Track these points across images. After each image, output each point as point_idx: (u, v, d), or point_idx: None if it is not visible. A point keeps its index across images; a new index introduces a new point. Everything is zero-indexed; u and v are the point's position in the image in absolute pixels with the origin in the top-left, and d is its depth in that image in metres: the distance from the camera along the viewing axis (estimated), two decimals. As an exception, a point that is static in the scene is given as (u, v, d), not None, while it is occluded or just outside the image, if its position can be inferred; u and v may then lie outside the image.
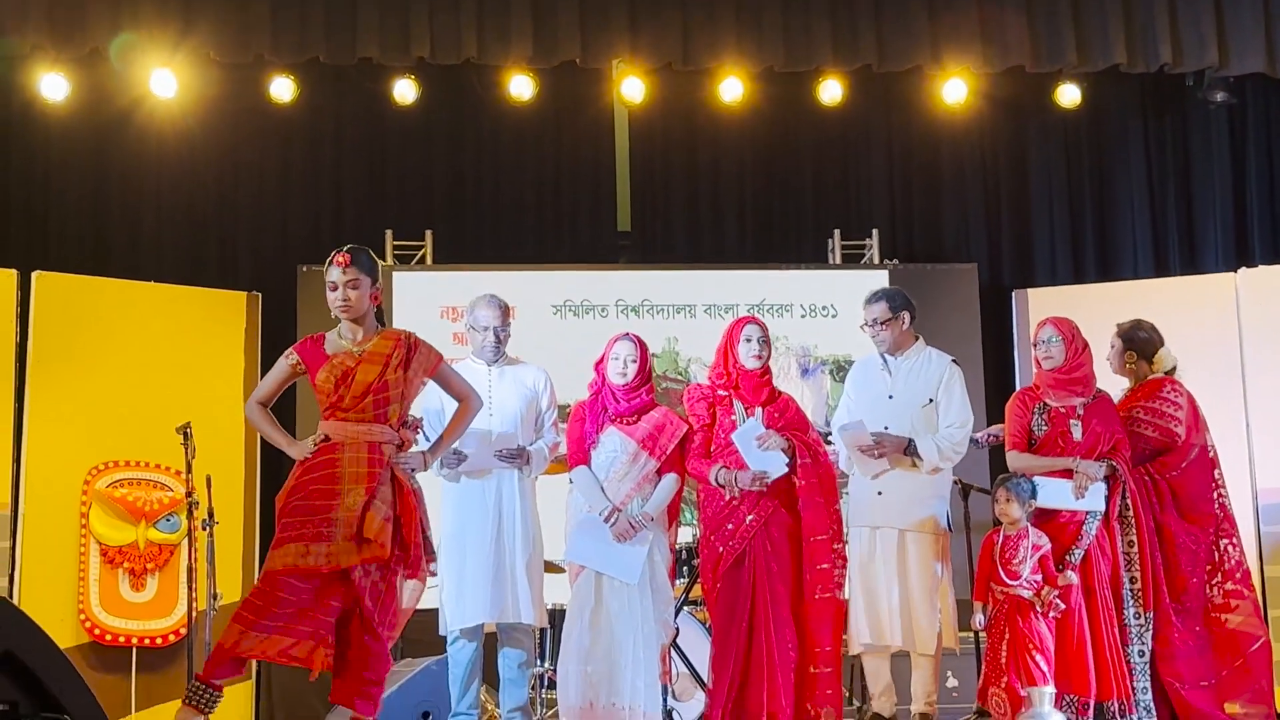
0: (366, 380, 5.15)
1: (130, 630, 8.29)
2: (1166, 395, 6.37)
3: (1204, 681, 6.14)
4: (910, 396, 6.41)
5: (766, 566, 5.91)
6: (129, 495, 8.41)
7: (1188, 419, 6.33)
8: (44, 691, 3.15)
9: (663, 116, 9.95)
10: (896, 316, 6.52)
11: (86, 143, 9.53)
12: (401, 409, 5.22)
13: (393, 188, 10.02)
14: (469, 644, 6.01)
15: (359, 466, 5.08)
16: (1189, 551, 6.18)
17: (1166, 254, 10.10)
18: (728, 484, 5.92)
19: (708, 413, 6.07)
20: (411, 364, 5.26)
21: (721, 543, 5.93)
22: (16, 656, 3.15)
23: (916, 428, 6.33)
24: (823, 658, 5.91)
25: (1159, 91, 10.08)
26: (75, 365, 8.53)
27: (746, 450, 5.93)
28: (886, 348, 6.53)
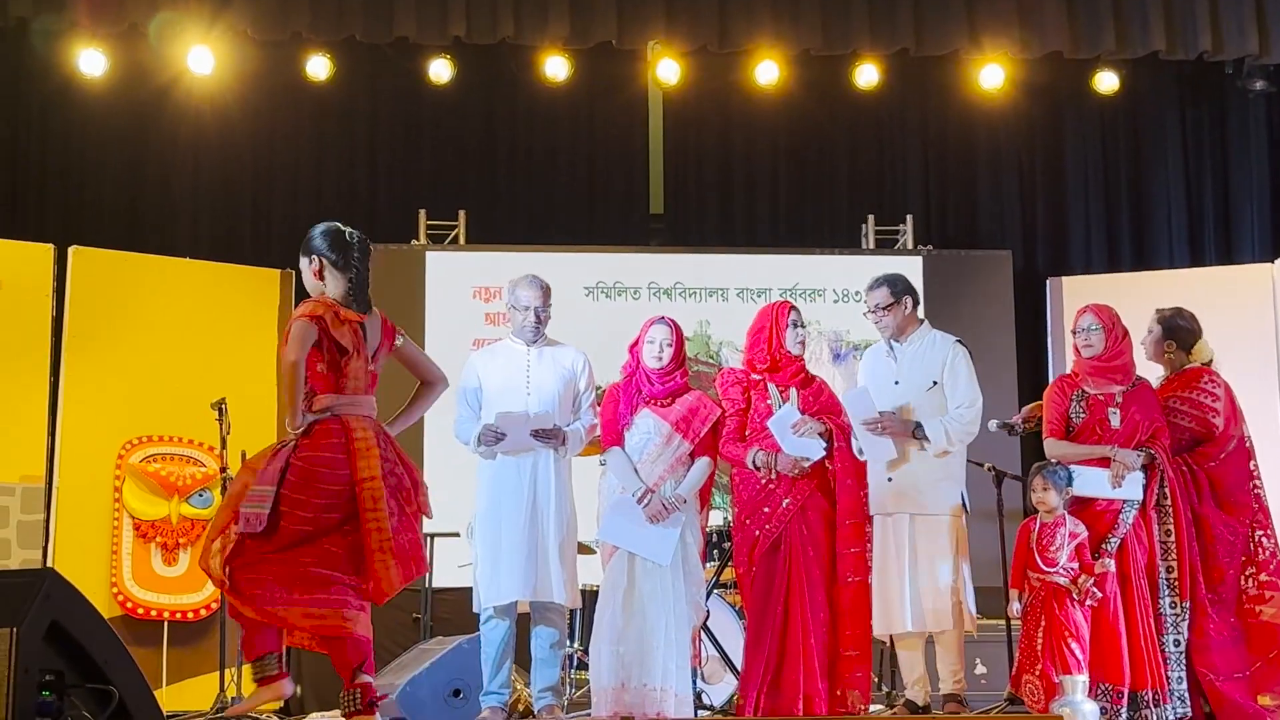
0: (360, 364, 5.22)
1: (162, 604, 8.34)
2: (1204, 386, 6.33)
3: (1238, 673, 6.11)
4: (915, 381, 6.35)
5: (802, 550, 5.92)
6: (162, 470, 8.45)
7: (1226, 410, 6.30)
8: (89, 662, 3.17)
9: (697, 99, 9.93)
10: (899, 301, 6.44)
11: (124, 119, 9.56)
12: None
13: (426, 167, 10.03)
14: (502, 622, 6.03)
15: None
16: (1226, 543, 6.15)
17: (1203, 243, 10.05)
18: (765, 466, 5.92)
19: (742, 397, 6.08)
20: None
21: (757, 526, 5.94)
22: (63, 627, 3.18)
23: (923, 411, 6.27)
24: (852, 641, 5.93)
25: (1198, 79, 10.01)
26: (110, 340, 8.57)
27: (782, 436, 5.93)
28: (890, 333, 6.46)
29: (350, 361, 5.08)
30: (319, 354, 5.03)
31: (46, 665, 3.14)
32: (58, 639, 3.19)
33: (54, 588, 3.21)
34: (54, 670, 3.16)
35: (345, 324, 5.08)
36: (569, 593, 6.09)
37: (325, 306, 5.06)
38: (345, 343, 5.06)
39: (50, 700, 3.11)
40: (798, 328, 6.13)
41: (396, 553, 4.99)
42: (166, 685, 8.20)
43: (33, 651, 3.09)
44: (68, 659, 3.18)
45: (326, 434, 5.01)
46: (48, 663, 3.15)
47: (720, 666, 7.16)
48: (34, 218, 9.40)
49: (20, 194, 9.57)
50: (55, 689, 3.14)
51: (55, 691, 3.13)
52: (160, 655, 8.24)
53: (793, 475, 5.93)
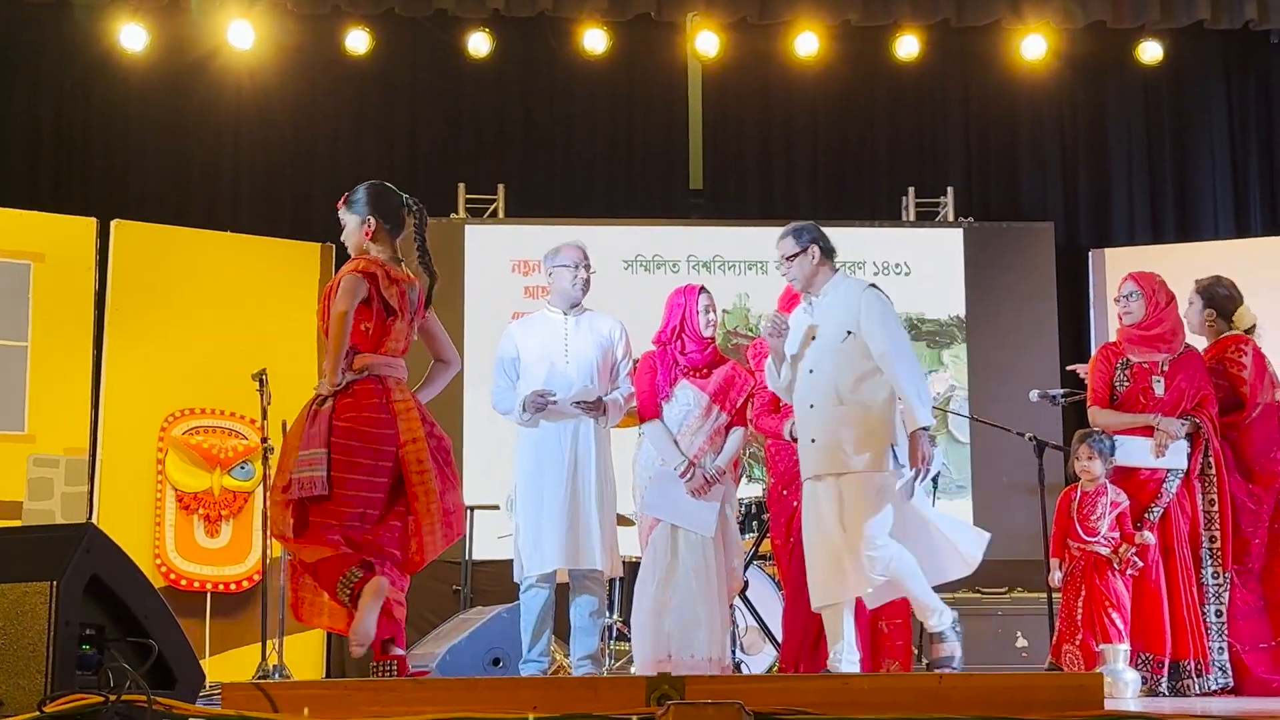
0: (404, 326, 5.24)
1: (205, 575, 8.40)
2: (1231, 354, 6.26)
3: (1263, 644, 6.05)
4: (830, 333, 5.74)
5: (839, 520, 5.89)
6: (204, 442, 8.50)
7: (1252, 376, 6.21)
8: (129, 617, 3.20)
9: (737, 71, 9.89)
10: (804, 250, 5.87)
11: (165, 93, 9.60)
12: None
13: (466, 141, 10.04)
14: (542, 591, 6.03)
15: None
16: (1250, 512, 6.08)
17: (1248, 214, 9.94)
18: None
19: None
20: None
21: (795, 497, 5.91)
22: (104, 582, 3.20)
23: (839, 364, 5.69)
24: (891, 610, 5.90)
25: (1242, 49, 9.91)
26: (152, 314, 8.62)
27: None
28: (800, 285, 5.92)
29: (395, 323, 5.06)
30: (366, 312, 5.00)
31: (87, 619, 3.17)
32: (98, 593, 3.21)
33: (94, 542, 3.23)
34: (94, 624, 3.18)
35: (395, 284, 5.06)
36: (610, 561, 6.09)
37: (377, 264, 5.05)
38: (394, 303, 5.04)
39: (91, 653, 3.14)
40: None
41: (442, 516, 4.97)
42: (210, 656, 8.26)
43: (73, 605, 3.12)
44: (108, 613, 3.20)
45: (368, 394, 4.98)
46: (88, 616, 3.17)
47: (760, 637, 7.16)
48: (77, 192, 9.46)
49: (63, 168, 9.64)
50: (95, 642, 3.16)
51: (95, 645, 3.15)
52: (203, 626, 8.29)
53: None
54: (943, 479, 8.57)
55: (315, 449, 4.89)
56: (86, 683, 3.03)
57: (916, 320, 9.51)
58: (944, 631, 5.65)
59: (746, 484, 8.53)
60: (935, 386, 9.38)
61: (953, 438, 9.41)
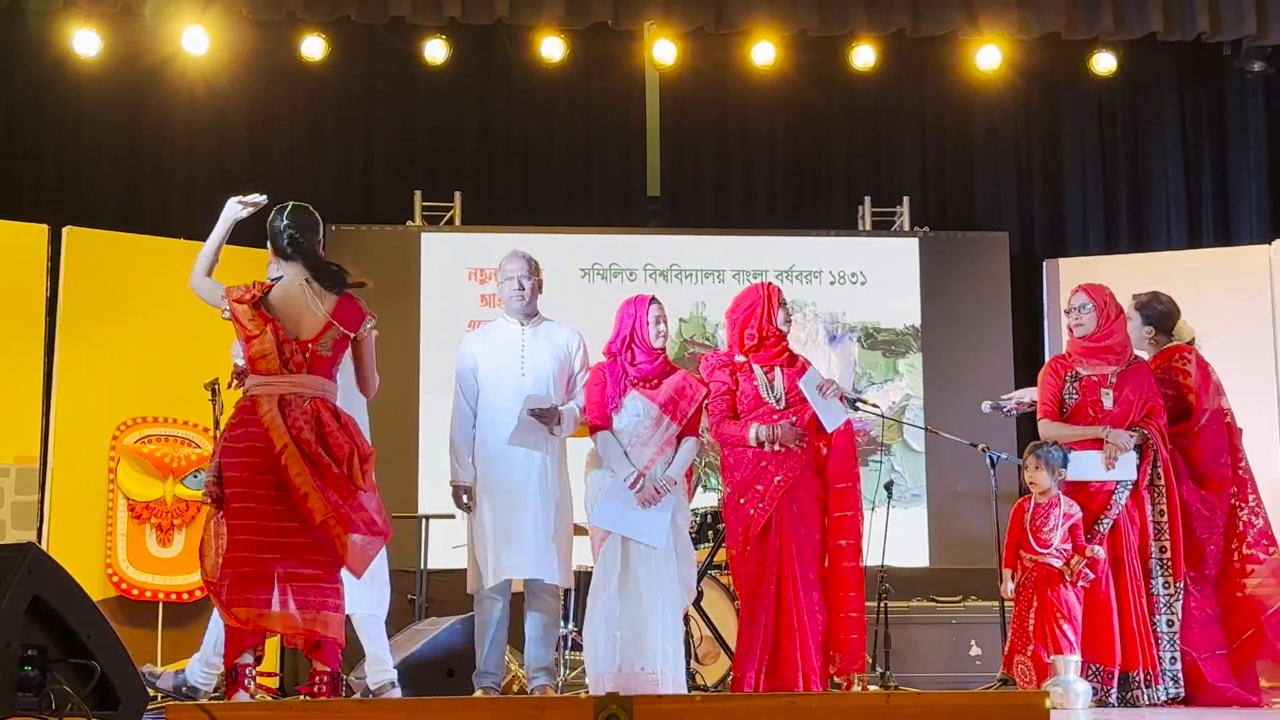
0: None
1: (157, 585, 8.33)
2: (1176, 363, 6.33)
3: (1219, 650, 6.11)
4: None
5: (794, 530, 5.93)
6: (157, 451, 8.43)
7: (1198, 384, 6.29)
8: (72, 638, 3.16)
9: (694, 80, 9.88)
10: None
11: (118, 99, 9.52)
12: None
13: (422, 148, 9.99)
14: (496, 602, 6.02)
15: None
16: (1204, 518, 6.15)
17: (1200, 225, 10.01)
18: (769, 439, 5.92)
19: (730, 378, 6.08)
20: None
21: (752, 505, 5.94)
22: (46, 602, 3.17)
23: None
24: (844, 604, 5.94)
25: (1196, 60, 9.96)
26: (105, 321, 8.55)
27: (811, 395, 5.94)
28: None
29: (253, 343, 5.28)
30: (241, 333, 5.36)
31: (29, 640, 3.13)
32: (40, 614, 3.18)
33: (36, 563, 3.20)
34: (36, 645, 3.15)
35: (240, 304, 5.33)
36: (563, 573, 6.08)
37: (231, 289, 5.37)
38: (245, 324, 5.31)
39: (33, 675, 3.10)
40: (785, 306, 6.18)
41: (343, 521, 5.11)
42: (161, 666, 8.18)
43: (15, 626, 3.09)
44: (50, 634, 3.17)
45: (240, 411, 5.29)
46: (30, 637, 3.14)
47: (714, 647, 7.15)
48: (28, 198, 9.35)
49: (14, 174, 9.54)
50: (37, 664, 3.13)
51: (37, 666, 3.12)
52: (155, 636, 8.22)
53: (796, 447, 5.92)
54: (897, 488, 8.60)
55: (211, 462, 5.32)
56: (28, 704, 3.00)
57: (872, 329, 9.54)
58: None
59: (702, 494, 8.54)
60: (890, 396, 9.41)
61: (908, 447, 9.44)
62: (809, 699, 3.57)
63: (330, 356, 5.31)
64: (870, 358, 9.52)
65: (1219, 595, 6.22)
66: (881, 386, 9.44)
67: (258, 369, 5.28)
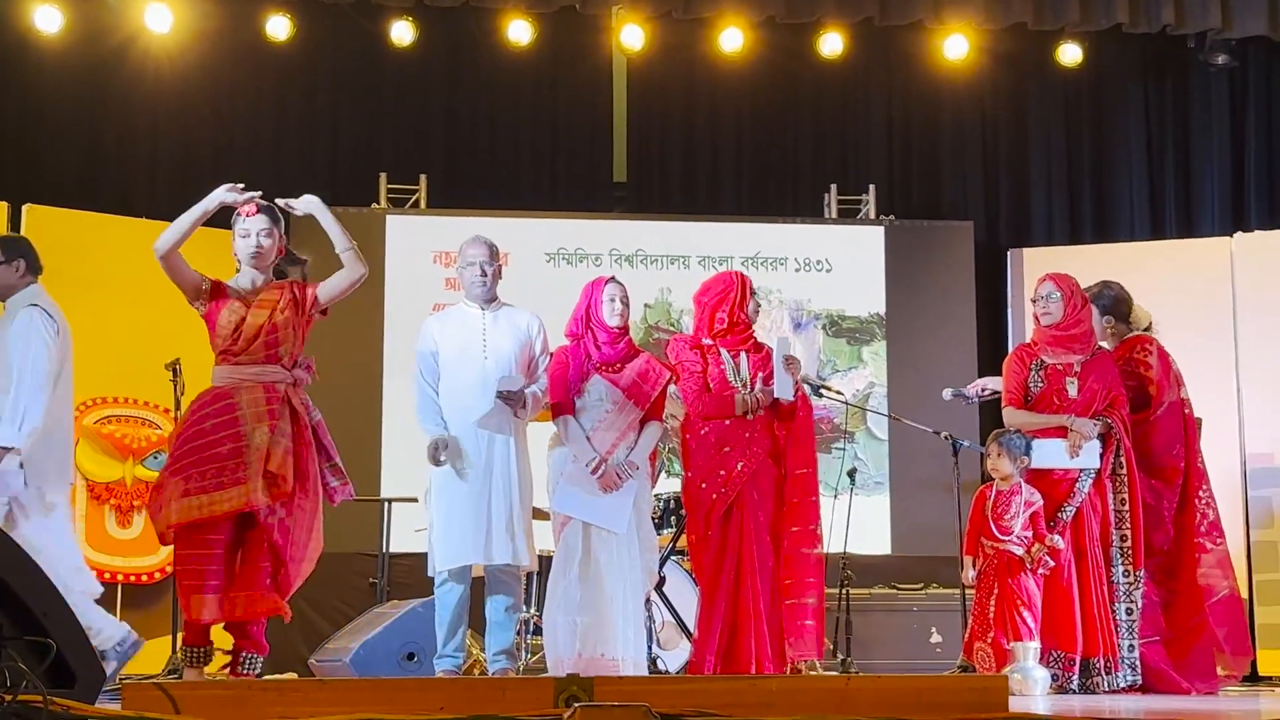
0: (257, 324, 5.48)
1: (116, 567, 8.27)
2: (1138, 354, 6.36)
3: (1158, 637, 6.16)
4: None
5: (754, 516, 5.93)
6: (117, 432, 8.37)
7: (1159, 374, 6.33)
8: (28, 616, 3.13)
9: (661, 65, 9.88)
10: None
11: (80, 76, 9.43)
12: (294, 350, 5.54)
13: (388, 130, 9.95)
14: (456, 586, 5.99)
15: (258, 406, 5.41)
16: (1150, 508, 6.19)
17: (1163, 217, 10.06)
18: (754, 406, 5.97)
19: (700, 359, 6.07)
20: (300, 305, 5.58)
21: (714, 490, 5.93)
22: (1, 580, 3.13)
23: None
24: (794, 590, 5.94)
25: (1160, 53, 10.02)
26: (65, 300, 8.39)
27: (777, 361, 5.96)
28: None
29: (213, 336, 5.54)
30: None
31: (-18, 618, 3.10)
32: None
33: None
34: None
35: (206, 298, 5.63)
36: (525, 556, 6.06)
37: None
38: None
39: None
40: (755, 296, 6.21)
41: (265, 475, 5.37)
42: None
43: (-32, 604, 3.06)
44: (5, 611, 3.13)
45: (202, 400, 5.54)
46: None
47: (676, 633, 7.15)
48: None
49: (-26, 152, 9.45)
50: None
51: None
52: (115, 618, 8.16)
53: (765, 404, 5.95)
54: (860, 475, 8.63)
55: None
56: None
57: (837, 317, 9.56)
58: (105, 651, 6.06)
59: (665, 479, 8.54)
60: (855, 383, 9.44)
61: (871, 434, 9.47)
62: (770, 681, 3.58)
63: None
64: (835, 345, 9.54)
65: (1169, 583, 6.27)
66: (846, 374, 9.46)
67: (218, 361, 5.59)
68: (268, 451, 5.31)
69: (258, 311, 5.50)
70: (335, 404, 9.02)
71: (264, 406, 5.39)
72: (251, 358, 5.47)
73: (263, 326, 5.47)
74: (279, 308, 5.51)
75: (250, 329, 5.47)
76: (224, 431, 5.38)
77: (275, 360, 5.48)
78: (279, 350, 5.48)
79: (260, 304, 5.52)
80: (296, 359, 5.55)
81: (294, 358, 5.54)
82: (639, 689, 3.05)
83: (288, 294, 5.56)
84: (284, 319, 5.50)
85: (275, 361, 5.48)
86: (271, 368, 5.47)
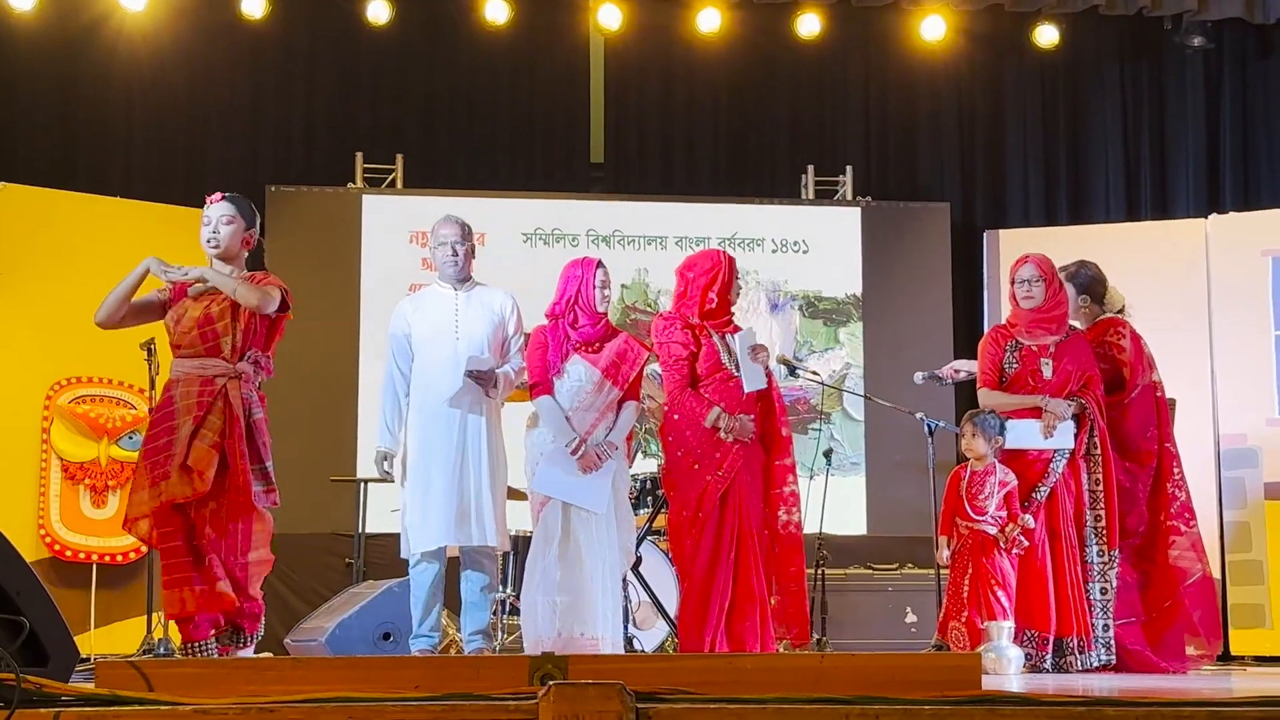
0: (194, 316, 5.45)
1: (90, 547, 8.25)
2: (1110, 336, 6.39)
3: (1133, 618, 6.19)
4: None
5: (749, 498, 5.90)
6: (91, 412, 8.34)
7: (1132, 357, 6.35)
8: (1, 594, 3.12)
9: (639, 46, 9.87)
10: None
11: (54, 54, 9.38)
12: (238, 342, 5.45)
13: (364, 110, 9.92)
14: (431, 566, 5.99)
15: (189, 399, 5.38)
16: (1124, 490, 6.22)
17: (1138, 198, 10.10)
18: (726, 429, 5.86)
19: (692, 340, 5.97)
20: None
21: (709, 472, 5.82)
22: (-27, 558, 3.13)
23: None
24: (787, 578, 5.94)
25: (1137, 34, 10.04)
26: (40, 280, 8.43)
27: (742, 357, 5.91)
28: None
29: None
30: None
31: (-45, 597, 3.09)
32: (-33, 571, 3.14)
33: (-36, 518, 3.15)
34: (-38, 602, 3.11)
35: (171, 305, 5.60)
36: (500, 536, 6.06)
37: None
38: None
39: (-42, 632, 3.06)
40: (739, 278, 6.18)
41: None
42: (95, 628, 8.13)
43: (-59, 582, 3.04)
44: (-23, 590, 3.13)
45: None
46: (-44, 594, 3.10)
47: (652, 612, 7.17)
48: (-39, 154, 9.22)
49: (-52, 131, 9.39)
50: (-37, 620, 3.08)
51: (-37, 623, 3.08)
52: (89, 598, 8.15)
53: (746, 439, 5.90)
54: (836, 456, 8.66)
55: None
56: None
57: (814, 298, 9.58)
58: None
59: (642, 459, 8.56)
60: (831, 364, 9.46)
61: (847, 415, 9.49)
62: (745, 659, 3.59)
63: None
64: (811, 326, 9.56)
65: (1143, 565, 6.30)
66: (822, 355, 9.48)
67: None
68: (188, 445, 5.28)
69: (195, 304, 5.48)
70: (311, 384, 9.07)
71: (194, 399, 5.36)
72: (192, 350, 5.45)
73: (198, 318, 5.45)
74: (219, 299, 5.46)
75: (187, 321, 5.47)
76: (163, 424, 5.41)
77: (216, 353, 5.43)
78: (219, 342, 5.43)
79: (201, 296, 5.50)
80: (243, 352, 5.48)
81: (239, 351, 5.47)
82: (614, 667, 3.06)
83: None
84: (220, 309, 5.45)
85: (216, 354, 5.43)
86: (212, 360, 5.43)
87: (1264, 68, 9.98)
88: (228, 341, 5.43)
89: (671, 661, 3.99)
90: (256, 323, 5.50)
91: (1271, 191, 9.76)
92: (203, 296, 5.49)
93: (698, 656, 5.01)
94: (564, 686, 2.56)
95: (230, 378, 5.43)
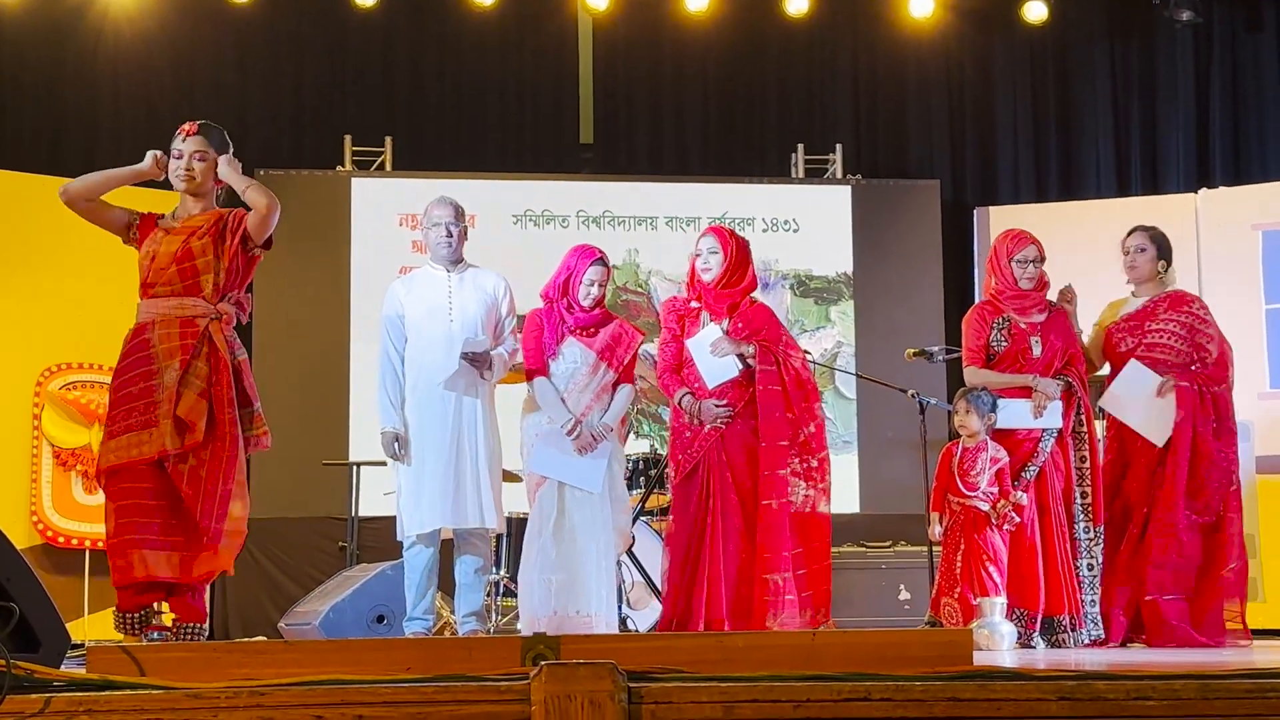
0: (170, 251, 5.04)
1: (83, 533, 8.25)
2: (1198, 311, 6.29)
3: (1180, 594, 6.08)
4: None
5: (721, 477, 5.89)
6: (82, 398, 8.34)
7: (1218, 334, 6.31)
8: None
9: (627, 25, 9.84)
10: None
11: (40, 38, 9.34)
12: (220, 281, 5.07)
13: (352, 92, 9.89)
14: (425, 549, 5.99)
15: (170, 342, 4.99)
16: (1221, 469, 6.13)
17: (1128, 174, 10.10)
18: (690, 412, 5.90)
19: (678, 325, 6.05)
20: (228, 232, 5.09)
21: (680, 451, 5.94)
22: (-38, 544, 3.12)
23: None
24: (776, 564, 5.88)
25: (1126, 9, 10.04)
26: (29, 266, 8.43)
27: (699, 357, 5.91)
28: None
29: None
30: None
31: (-55, 583, 3.08)
32: (-43, 556, 3.13)
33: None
34: (-48, 588, 3.10)
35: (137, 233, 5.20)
36: (494, 518, 6.06)
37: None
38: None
39: (-51, 618, 3.05)
40: (702, 255, 6.10)
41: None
42: (89, 614, 8.14)
43: (-69, 569, 3.04)
44: (-33, 576, 3.12)
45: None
46: (-53, 580, 3.09)
47: (646, 593, 7.19)
48: (-52, 140, 9.20)
49: (-65, 116, 9.36)
50: (-46, 606, 3.07)
51: (-45, 609, 3.07)
52: (82, 584, 8.16)
53: (715, 425, 5.89)
54: (829, 434, 8.65)
55: None
56: (-56, 648, 2.95)
57: (805, 276, 9.57)
58: None
59: (634, 440, 8.56)
60: (822, 343, 9.46)
61: (839, 393, 9.50)
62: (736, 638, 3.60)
63: None
64: (802, 305, 9.56)
65: (1209, 543, 6.15)
66: (813, 334, 9.48)
67: None
68: (177, 393, 4.89)
69: (172, 238, 5.05)
70: (302, 367, 9.07)
71: (177, 342, 4.96)
72: (170, 289, 5.03)
73: (175, 253, 5.02)
74: (198, 233, 5.04)
75: (164, 256, 5.01)
76: (137, 370, 4.99)
77: (196, 292, 5.02)
78: (199, 280, 5.01)
79: (178, 230, 5.08)
80: (225, 293, 5.09)
81: (221, 290, 5.06)
82: (606, 647, 3.06)
83: (214, 221, 5.11)
84: (201, 245, 5.02)
85: (196, 293, 5.02)
86: (191, 299, 5.02)
87: (1253, 42, 9.98)
88: (209, 280, 5.03)
89: (663, 641, 4.00)
90: (240, 260, 5.11)
91: (1262, 165, 9.77)
92: (179, 230, 5.08)
93: (688, 635, 5.03)
94: (555, 666, 2.56)
95: (212, 319, 5.03)
